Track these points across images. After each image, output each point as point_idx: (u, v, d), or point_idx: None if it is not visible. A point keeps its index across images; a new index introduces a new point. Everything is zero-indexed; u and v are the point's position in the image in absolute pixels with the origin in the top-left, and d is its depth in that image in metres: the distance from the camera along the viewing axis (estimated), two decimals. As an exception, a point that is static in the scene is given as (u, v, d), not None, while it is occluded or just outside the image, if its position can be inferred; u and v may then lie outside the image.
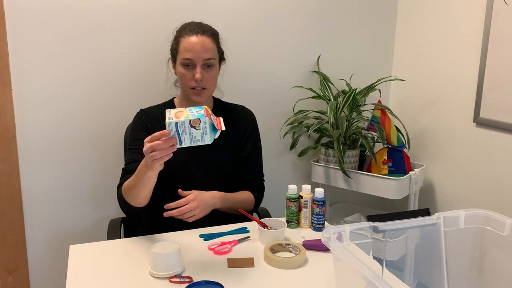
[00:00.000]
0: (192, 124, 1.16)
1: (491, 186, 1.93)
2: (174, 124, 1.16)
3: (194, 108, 1.20)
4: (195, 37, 1.49)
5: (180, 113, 1.18)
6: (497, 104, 1.86)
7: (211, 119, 1.19)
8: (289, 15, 2.14)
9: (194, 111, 1.19)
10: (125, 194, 1.41)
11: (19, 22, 1.73)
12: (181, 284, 1.16)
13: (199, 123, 1.17)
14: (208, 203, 1.46)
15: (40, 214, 1.89)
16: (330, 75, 2.23)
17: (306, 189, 1.51)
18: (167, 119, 1.17)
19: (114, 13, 1.85)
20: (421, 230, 1.20)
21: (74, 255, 1.32)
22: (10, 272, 1.86)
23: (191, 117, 1.16)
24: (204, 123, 1.17)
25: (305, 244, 1.36)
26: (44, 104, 1.82)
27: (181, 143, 1.19)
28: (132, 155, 1.53)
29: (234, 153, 1.64)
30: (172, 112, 1.19)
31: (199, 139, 1.18)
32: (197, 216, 1.41)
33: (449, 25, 2.07)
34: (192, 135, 1.18)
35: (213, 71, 1.54)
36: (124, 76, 1.92)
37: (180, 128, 1.17)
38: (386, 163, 2.07)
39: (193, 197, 1.41)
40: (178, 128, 1.17)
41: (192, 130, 1.17)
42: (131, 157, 1.53)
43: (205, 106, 1.22)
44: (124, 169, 1.53)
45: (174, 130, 1.17)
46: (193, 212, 1.39)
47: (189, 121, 1.16)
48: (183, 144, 1.19)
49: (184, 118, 1.16)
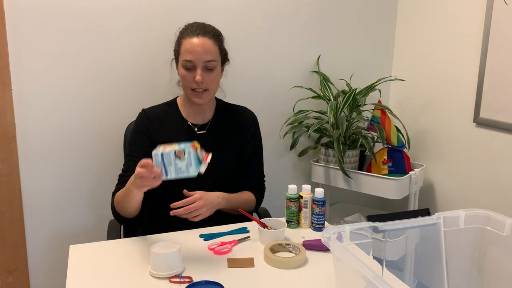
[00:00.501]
0: (177, 154, 1.21)
1: (491, 186, 1.93)
2: (160, 155, 1.21)
3: (183, 143, 1.24)
4: (196, 39, 1.49)
5: (169, 146, 1.23)
6: (497, 104, 1.86)
7: (197, 152, 1.23)
8: (289, 15, 2.14)
9: (182, 144, 1.23)
10: (116, 205, 1.48)
11: (19, 22, 1.73)
12: (181, 284, 1.16)
13: (183, 153, 1.21)
14: (213, 203, 1.46)
15: (40, 214, 1.89)
16: (330, 75, 2.23)
17: (306, 189, 1.51)
18: (154, 151, 1.22)
19: (114, 12, 1.85)
20: (421, 230, 1.20)
21: (74, 255, 1.32)
22: (10, 272, 1.86)
23: (177, 148, 1.21)
24: (189, 153, 1.21)
25: (305, 244, 1.36)
26: (44, 104, 1.82)
27: (167, 175, 1.23)
28: (129, 163, 1.56)
29: (236, 154, 1.65)
30: (162, 146, 1.24)
31: (184, 170, 1.22)
32: (203, 216, 1.41)
33: (449, 25, 2.07)
34: (177, 166, 1.22)
35: (215, 72, 1.53)
36: (125, 76, 1.92)
37: (166, 159, 1.21)
38: (386, 163, 2.07)
39: (200, 196, 1.41)
40: (164, 159, 1.21)
41: (177, 161, 1.21)
42: (127, 166, 1.56)
43: (194, 142, 1.26)
44: (120, 176, 1.57)
45: (160, 161, 1.21)
46: (199, 211, 1.39)
47: (174, 151, 1.21)
48: (169, 175, 1.23)
49: (169, 150, 1.21)
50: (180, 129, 1.60)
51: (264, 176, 1.74)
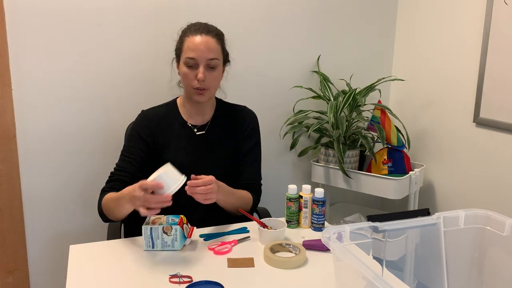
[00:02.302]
0: (164, 230, 1.32)
1: (491, 186, 1.93)
2: (149, 229, 1.32)
3: (171, 217, 1.37)
4: (200, 37, 1.49)
5: (158, 219, 1.36)
6: (497, 104, 1.86)
7: (183, 228, 1.34)
8: (289, 15, 2.14)
9: (170, 219, 1.36)
10: (104, 206, 1.47)
11: (19, 22, 1.73)
12: (181, 284, 1.16)
13: (170, 230, 1.32)
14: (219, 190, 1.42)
15: (40, 214, 1.89)
16: (330, 75, 2.23)
17: (306, 189, 1.51)
18: (144, 223, 1.34)
19: (115, 13, 1.85)
20: (421, 230, 1.20)
21: (74, 255, 1.32)
22: (10, 272, 1.86)
23: (165, 224, 1.33)
24: (175, 230, 1.32)
25: (305, 244, 1.36)
26: (44, 104, 1.82)
27: (154, 247, 1.33)
28: (123, 162, 1.56)
29: (234, 153, 1.64)
30: (152, 218, 1.37)
31: (170, 244, 1.33)
32: (212, 200, 1.38)
33: (449, 25, 2.07)
34: (163, 240, 1.33)
35: (216, 71, 1.53)
36: (125, 76, 1.92)
37: (154, 233, 1.32)
38: (386, 163, 2.07)
39: (215, 179, 1.37)
40: (152, 232, 1.32)
41: (164, 235, 1.33)
42: (120, 165, 1.56)
43: (181, 216, 1.38)
44: (111, 174, 1.56)
45: (148, 234, 1.32)
46: (212, 195, 1.36)
47: (162, 227, 1.32)
48: (155, 247, 1.33)
49: (158, 225, 1.32)
50: (180, 130, 1.60)
51: (261, 179, 1.70)
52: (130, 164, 1.55)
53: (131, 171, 1.54)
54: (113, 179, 1.54)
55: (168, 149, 1.58)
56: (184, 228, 1.36)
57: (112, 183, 1.52)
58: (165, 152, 1.58)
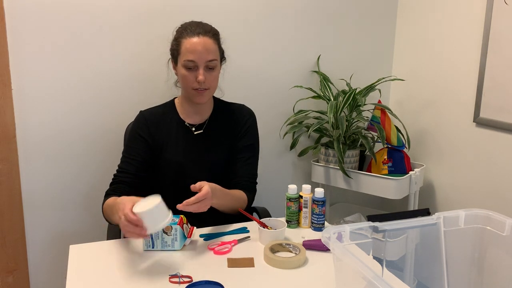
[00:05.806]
0: (164, 230, 1.31)
1: (491, 186, 1.93)
2: None
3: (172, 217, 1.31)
4: (197, 38, 1.49)
5: None
6: (497, 104, 1.86)
7: (183, 228, 1.34)
8: (289, 15, 2.14)
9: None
10: (104, 212, 1.48)
11: (19, 22, 1.73)
12: (181, 284, 1.16)
13: (171, 229, 1.31)
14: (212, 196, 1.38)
15: (40, 214, 1.89)
16: (330, 75, 2.23)
17: (306, 189, 1.51)
18: None
19: (115, 13, 1.85)
20: (421, 230, 1.20)
21: (74, 255, 1.32)
22: (10, 272, 1.86)
23: None
24: (175, 230, 1.32)
25: (305, 244, 1.36)
26: (44, 104, 1.82)
27: (154, 247, 1.33)
28: (124, 163, 1.57)
29: (231, 151, 1.64)
30: None
31: (169, 244, 1.33)
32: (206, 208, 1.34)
33: (449, 25, 2.07)
34: (163, 240, 1.32)
35: (215, 71, 1.53)
36: (125, 76, 1.92)
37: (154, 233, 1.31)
38: (386, 163, 2.07)
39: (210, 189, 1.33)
40: None
41: (164, 235, 1.32)
42: (122, 166, 1.57)
43: (181, 216, 1.36)
44: (114, 176, 1.57)
45: None
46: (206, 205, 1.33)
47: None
48: (155, 247, 1.33)
49: None
50: (178, 130, 1.60)
51: (257, 177, 1.67)
52: (131, 165, 1.55)
53: (133, 172, 1.54)
54: (116, 181, 1.54)
55: (166, 148, 1.58)
56: (184, 228, 1.36)
57: (115, 186, 1.53)
58: (163, 151, 1.58)
